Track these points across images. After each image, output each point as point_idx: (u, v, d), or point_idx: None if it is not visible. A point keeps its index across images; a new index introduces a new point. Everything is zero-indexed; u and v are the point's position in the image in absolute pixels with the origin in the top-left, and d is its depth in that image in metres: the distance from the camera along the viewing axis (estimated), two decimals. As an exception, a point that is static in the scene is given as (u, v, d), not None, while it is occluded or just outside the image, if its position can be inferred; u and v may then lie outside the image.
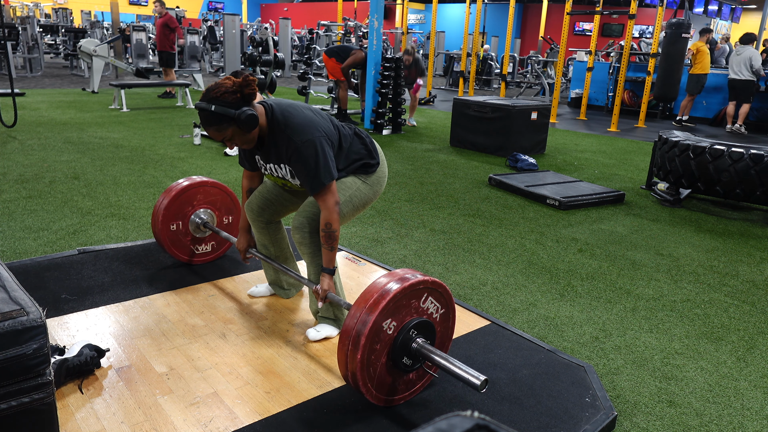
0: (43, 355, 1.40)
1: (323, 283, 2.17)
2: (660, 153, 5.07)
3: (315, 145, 2.05)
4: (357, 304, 1.79)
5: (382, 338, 1.79)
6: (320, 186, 2.06)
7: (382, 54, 7.96)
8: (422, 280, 1.84)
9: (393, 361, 1.84)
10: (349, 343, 1.75)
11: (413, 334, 1.84)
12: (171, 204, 2.80)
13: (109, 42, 10.87)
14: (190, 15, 24.77)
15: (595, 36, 10.11)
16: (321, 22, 15.81)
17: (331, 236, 2.11)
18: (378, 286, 1.80)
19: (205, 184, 2.89)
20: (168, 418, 1.82)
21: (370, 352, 1.76)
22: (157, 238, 2.86)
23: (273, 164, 2.22)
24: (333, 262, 2.17)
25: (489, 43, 18.68)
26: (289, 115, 2.09)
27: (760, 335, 2.74)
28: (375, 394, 1.85)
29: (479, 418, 0.57)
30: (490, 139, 6.84)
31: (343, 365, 1.81)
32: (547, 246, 3.77)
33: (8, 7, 21.50)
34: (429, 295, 1.89)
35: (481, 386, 1.70)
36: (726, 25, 20.92)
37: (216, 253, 3.06)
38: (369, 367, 1.79)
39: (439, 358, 1.81)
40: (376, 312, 1.73)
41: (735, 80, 9.48)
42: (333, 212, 2.09)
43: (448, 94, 14.19)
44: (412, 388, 1.97)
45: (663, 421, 2.04)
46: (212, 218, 2.94)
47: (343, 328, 1.79)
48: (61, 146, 5.87)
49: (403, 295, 1.80)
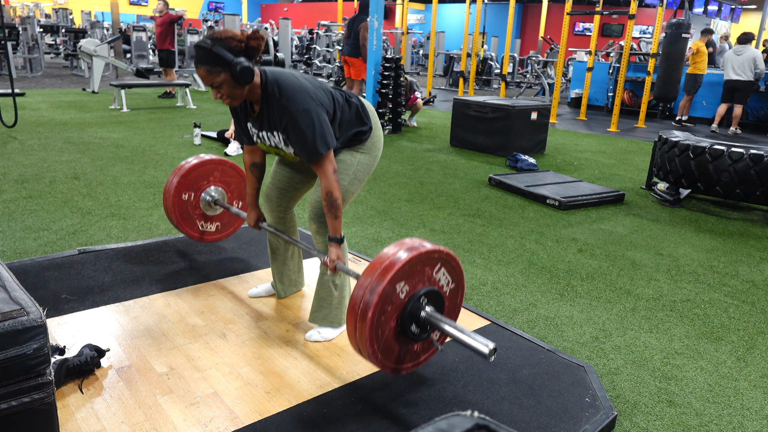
0: (43, 355, 1.40)
1: (331, 253, 2.15)
2: (660, 153, 5.07)
3: (311, 113, 2.02)
4: (372, 265, 1.76)
5: (393, 301, 1.75)
6: (317, 155, 2.03)
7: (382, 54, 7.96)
8: (438, 249, 1.82)
9: (401, 327, 1.80)
10: (361, 302, 1.71)
11: (423, 302, 1.82)
12: (189, 172, 2.82)
13: (109, 42, 10.87)
14: (190, 15, 24.77)
15: (595, 36, 10.11)
16: (321, 22, 15.82)
17: (333, 204, 2.09)
18: (393, 250, 1.77)
19: (224, 163, 2.92)
20: (168, 418, 1.82)
21: (381, 313, 1.73)
22: (167, 208, 2.86)
23: (266, 132, 2.17)
24: (339, 230, 2.14)
25: (489, 44, 18.68)
26: (284, 82, 2.05)
27: (760, 335, 2.74)
28: (381, 359, 1.81)
29: (479, 417, 0.57)
30: (490, 139, 6.84)
31: (351, 325, 1.76)
32: (547, 246, 3.77)
33: (8, 7, 21.50)
34: (442, 266, 1.87)
35: (489, 354, 1.68)
36: (726, 25, 20.92)
37: (227, 232, 3.07)
38: (378, 329, 1.75)
39: (449, 327, 1.78)
40: (392, 272, 1.71)
41: (736, 81, 9.19)
42: (332, 180, 2.07)
43: (448, 94, 14.19)
44: (416, 360, 1.94)
45: (663, 421, 2.04)
46: (224, 197, 2.96)
47: (356, 286, 1.75)
48: (62, 146, 5.87)
49: (419, 260, 1.77)
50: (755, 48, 9.50)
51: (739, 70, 9.15)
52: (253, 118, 2.18)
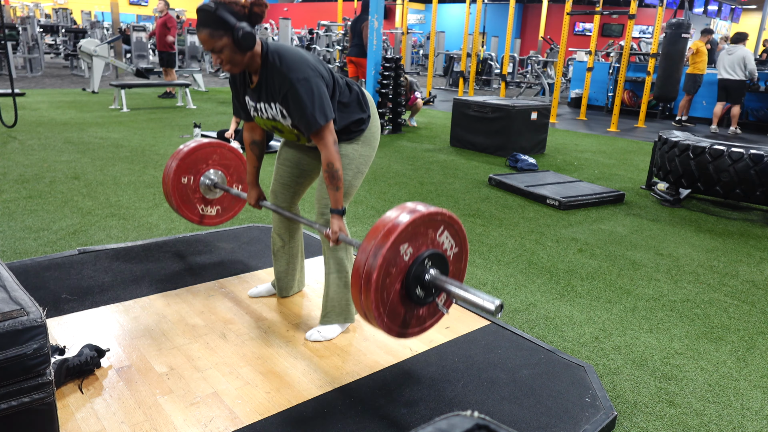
0: (43, 355, 1.40)
1: (333, 225, 2.13)
2: (660, 153, 5.07)
3: (311, 83, 2.01)
4: (374, 228, 1.75)
5: (397, 263, 1.74)
6: (316, 125, 2.02)
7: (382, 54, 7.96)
8: (440, 212, 1.82)
9: (406, 289, 1.79)
10: (365, 265, 1.70)
11: (427, 264, 1.81)
12: (187, 156, 2.80)
13: (109, 42, 10.87)
14: (190, 15, 24.77)
15: (595, 36, 10.11)
16: (321, 22, 15.82)
17: (334, 176, 2.08)
18: (395, 213, 1.77)
19: (222, 146, 2.91)
20: (168, 418, 1.82)
21: (385, 275, 1.71)
22: (166, 192, 2.84)
23: (263, 103, 2.15)
24: (341, 202, 2.14)
25: (489, 44, 18.68)
26: (285, 52, 2.04)
27: (760, 335, 2.74)
28: (386, 322, 1.79)
29: (479, 418, 0.57)
30: (490, 139, 6.84)
31: (356, 288, 1.75)
32: (547, 246, 3.77)
33: (8, 7, 21.50)
34: (446, 229, 1.86)
35: (496, 310, 1.68)
36: (726, 25, 20.92)
37: (227, 216, 3.06)
38: (383, 291, 1.73)
39: (454, 287, 1.78)
40: (395, 234, 1.69)
41: (727, 80, 9.29)
42: (333, 151, 2.06)
43: (448, 94, 14.19)
44: (422, 325, 1.92)
45: (663, 421, 2.04)
46: (223, 181, 2.95)
47: (359, 250, 1.74)
48: (62, 146, 5.87)
49: (422, 222, 1.76)
50: (757, 47, 9.48)
51: (730, 70, 9.24)
52: (251, 89, 2.16)
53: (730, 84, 9.30)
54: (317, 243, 3.37)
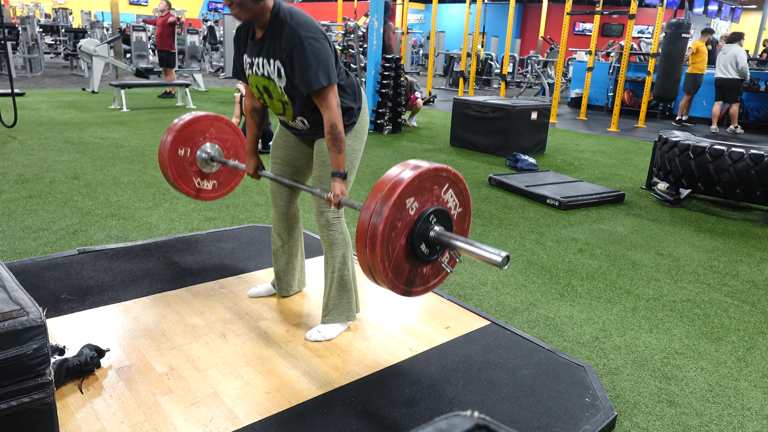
0: (43, 355, 1.40)
1: (335, 188, 2.11)
2: (660, 153, 5.07)
3: (320, 43, 2.03)
4: (379, 184, 1.73)
5: (403, 217, 1.73)
6: (318, 84, 2.02)
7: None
8: (446, 168, 1.81)
9: (411, 245, 1.78)
10: (370, 219, 1.69)
11: (432, 220, 1.80)
12: (185, 127, 2.76)
13: (109, 42, 10.87)
14: (190, 15, 24.77)
15: (595, 36, 10.11)
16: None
17: (337, 138, 2.08)
18: (399, 169, 1.76)
19: (219, 119, 2.88)
20: (168, 418, 1.82)
21: (391, 229, 1.70)
22: (162, 164, 2.79)
23: (263, 59, 2.13)
24: (342, 165, 2.12)
25: (489, 44, 18.68)
26: (297, 11, 2.08)
27: (760, 335, 2.74)
28: (391, 278, 1.78)
29: (479, 418, 0.57)
30: (490, 139, 6.84)
31: (361, 244, 1.72)
32: (547, 246, 3.77)
33: (8, 7, 21.50)
34: (450, 187, 1.85)
35: (503, 262, 1.67)
36: (726, 25, 20.92)
37: (224, 190, 3.02)
38: (389, 245, 1.72)
39: (459, 242, 1.77)
40: (401, 186, 1.69)
41: (721, 79, 9.40)
42: (336, 113, 2.06)
43: (448, 94, 14.19)
44: (426, 284, 1.92)
45: (663, 421, 2.04)
46: (220, 155, 2.92)
47: (363, 208, 1.73)
48: (61, 146, 5.87)
49: (428, 177, 1.76)
50: (757, 47, 9.47)
51: (723, 69, 9.32)
52: (253, 42, 2.16)
53: (725, 83, 9.40)
54: (317, 243, 3.37)
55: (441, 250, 1.86)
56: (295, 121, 2.27)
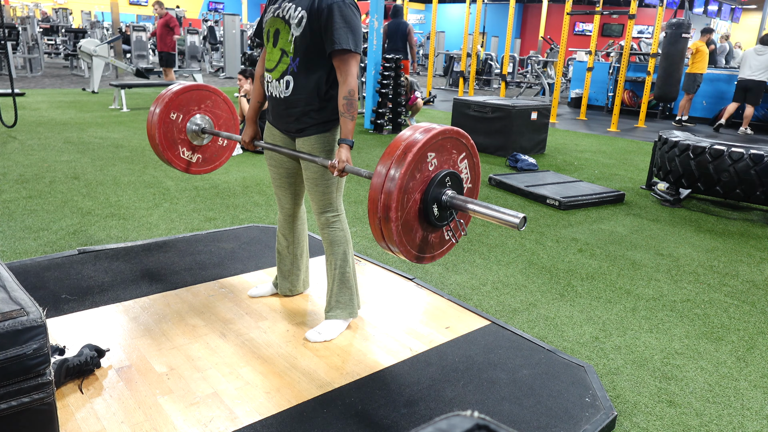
0: (43, 355, 1.40)
1: (341, 154, 2.04)
2: (660, 153, 5.07)
3: (356, 14, 2.03)
4: (395, 143, 1.73)
5: (423, 169, 1.71)
6: (348, 46, 2.01)
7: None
8: (466, 136, 1.82)
9: (424, 204, 1.76)
10: (394, 160, 1.67)
11: (448, 183, 1.79)
12: (182, 92, 2.68)
13: (109, 42, 10.87)
14: (190, 15, 24.77)
15: (595, 36, 10.11)
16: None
17: (352, 104, 2.07)
18: (428, 124, 1.78)
19: (218, 93, 2.82)
20: (168, 418, 1.82)
21: (410, 178, 1.68)
22: (150, 129, 2.68)
23: (291, 3, 2.09)
24: (351, 132, 2.10)
25: (489, 44, 18.68)
26: None
27: (760, 335, 2.74)
28: (403, 241, 1.76)
29: (479, 418, 0.57)
30: (490, 139, 6.84)
31: (378, 190, 1.69)
32: (547, 246, 3.77)
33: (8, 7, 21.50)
34: (466, 158, 1.86)
35: (521, 223, 1.67)
36: (726, 25, 20.91)
37: (213, 165, 2.91)
38: (405, 195, 1.69)
39: (475, 206, 1.76)
40: (430, 134, 1.70)
41: (750, 80, 9.10)
42: (355, 81, 2.07)
43: (448, 94, 14.19)
44: (434, 253, 1.91)
45: (663, 421, 2.04)
46: (212, 128, 2.83)
47: (391, 143, 1.72)
48: (61, 146, 5.87)
49: (450, 136, 1.77)
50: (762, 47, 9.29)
51: (756, 70, 9.06)
52: None
53: (752, 85, 9.12)
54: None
55: (451, 216, 1.84)
56: (280, 81, 2.18)
